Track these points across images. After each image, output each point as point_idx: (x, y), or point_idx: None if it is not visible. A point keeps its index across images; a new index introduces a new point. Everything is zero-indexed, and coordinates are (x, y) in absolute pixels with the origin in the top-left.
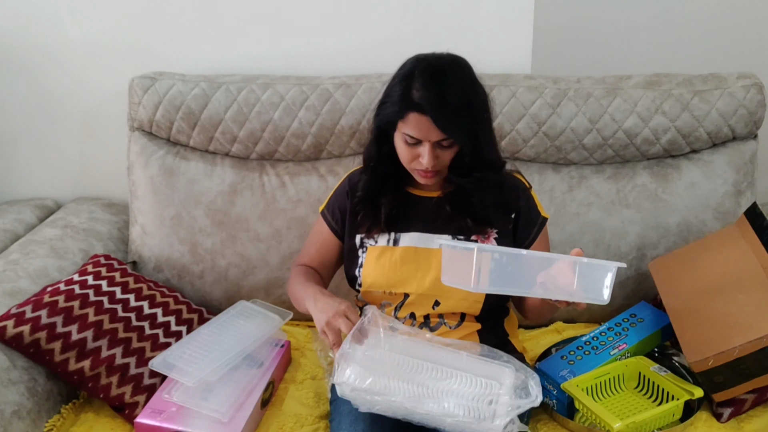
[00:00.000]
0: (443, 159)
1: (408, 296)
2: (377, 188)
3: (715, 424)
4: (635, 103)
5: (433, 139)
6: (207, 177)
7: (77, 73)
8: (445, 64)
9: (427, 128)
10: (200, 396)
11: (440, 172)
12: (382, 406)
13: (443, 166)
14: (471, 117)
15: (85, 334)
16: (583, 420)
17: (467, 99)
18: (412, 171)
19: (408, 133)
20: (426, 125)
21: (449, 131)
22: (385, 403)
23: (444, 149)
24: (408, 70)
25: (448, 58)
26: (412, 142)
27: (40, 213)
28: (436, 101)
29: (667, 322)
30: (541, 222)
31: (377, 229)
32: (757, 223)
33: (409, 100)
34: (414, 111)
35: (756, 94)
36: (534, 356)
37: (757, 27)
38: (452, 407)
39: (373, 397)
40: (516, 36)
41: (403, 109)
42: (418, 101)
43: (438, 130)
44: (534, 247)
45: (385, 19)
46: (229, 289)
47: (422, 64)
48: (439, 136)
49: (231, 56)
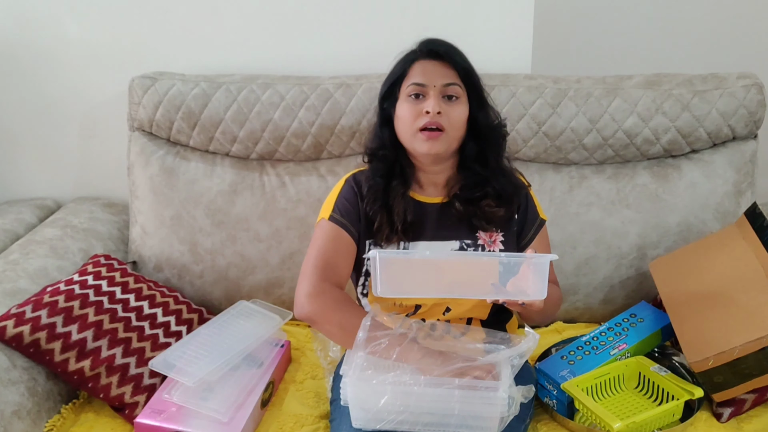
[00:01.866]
0: (450, 115)
1: (419, 307)
2: (387, 179)
3: (715, 424)
4: (635, 103)
5: (439, 83)
6: (207, 177)
7: (77, 73)
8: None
9: (433, 71)
10: (200, 396)
11: (445, 135)
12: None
13: (449, 124)
14: (474, 73)
15: (85, 334)
16: (583, 420)
17: (469, 63)
18: (415, 137)
19: (413, 82)
20: (432, 68)
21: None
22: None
23: (450, 103)
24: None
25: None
26: (417, 92)
27: (40, 213)
28: (442, 43)
29: (667, 322)
30: (539, 223)
31: (396, 237)
32: (757, 223)
33: (414, 52)
34: (419, 59)
35: (756, 94)
36: (534, 356)
37: (757, 27)
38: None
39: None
40: (516, 36)
41: (407, 63)
42: (423, 48)
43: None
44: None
45: (385, 19)
46: (229, 289)
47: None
48: (446, 78)
49: (231, 56)
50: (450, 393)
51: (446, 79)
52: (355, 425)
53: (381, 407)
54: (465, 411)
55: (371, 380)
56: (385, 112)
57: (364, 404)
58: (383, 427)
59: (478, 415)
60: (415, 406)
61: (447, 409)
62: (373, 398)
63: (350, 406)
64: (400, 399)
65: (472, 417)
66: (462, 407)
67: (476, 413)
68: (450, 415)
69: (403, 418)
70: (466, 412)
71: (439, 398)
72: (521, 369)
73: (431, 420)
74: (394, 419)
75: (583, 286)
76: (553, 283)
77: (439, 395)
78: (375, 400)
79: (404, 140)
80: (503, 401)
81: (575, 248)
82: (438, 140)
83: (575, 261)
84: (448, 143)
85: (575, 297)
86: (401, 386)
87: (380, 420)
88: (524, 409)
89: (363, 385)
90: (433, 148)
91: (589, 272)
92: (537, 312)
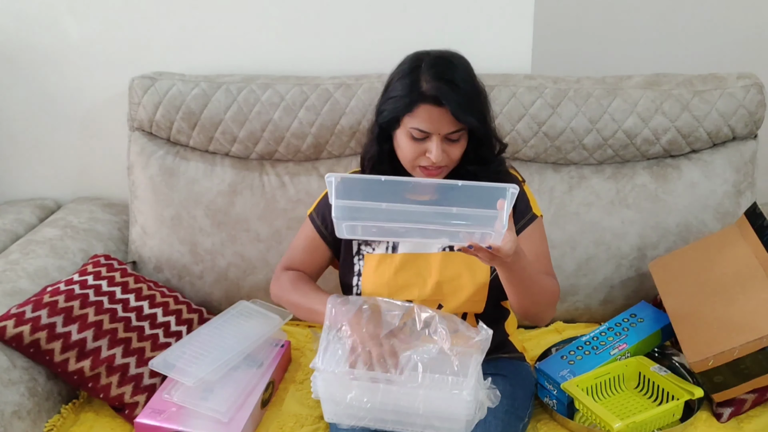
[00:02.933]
0: (450, 154)
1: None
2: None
3: (715, 424)
4: (635, 103)
5: (443, 132)
6: (207, 177)
7: (77, 73)
8: (450, 56)
9: (439, 120)
10: (200, 396)
11: (445, 169)
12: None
13: (450, 161)
14: (482, 104)
15: (85, 334)
16: (583, 420)
17: (476, 87)
18: (414, 169)
19: (417, 127)
20: (438, 117)
21: (466, 119)
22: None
23: (452, 144)
24: (412, 65)
25: (449, 51)
26: (419, 137)
27: (40, 213)
28: (450, 90)
29: (667, 322)
30: (530, 217)
31: None
32: (757, 223)
33: (419, 92)
34: (425, 103)
35: (756, 94)
36: (534, 356)
37: (757, 27)
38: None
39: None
40: (516, 36)
41: (412, 102)
42: (431, 93)
43: (450, 121)
44: (523, 238)
45: (385, 19)
46: (229, 289)
47: (427, 58)
48: (451, 127)
49: (231, 56)
50: (414, 392)
51: (451, 127)
52: (327, 419)
53: (348, 402)
54: (429, 411)
55: (339, 374)
56: (383, 129)
57: (334, 397)
58: (355, 423)
59: (443, 415)
60: (381, 403)
61: (412, 408)
62: (341, 393)
63: (321, 400)
64: (367, 395)
65: (436, 417)
66: (426, 406)
67: (440, 413)
68: (415, 414)
69: (371, 415)
70: (430, 412)
71: (403, 396)
72: (521, 369)
73: (398, 418)
74: (364, 416)
75: (583, 287)
76: (549, 275)
77: (404, 393)
78: (343, 394)
79: (404, 165)
80: (467, 403)
81: (575, 248)
82: (438, 175)
83: (575, 261)
84: (447, 173)
85: (575, 297)
86: (367, 382)
87: (351, 415)
88: (523, 408)
89: (332, 379)
90: (432, 178)
91: (589, 272)
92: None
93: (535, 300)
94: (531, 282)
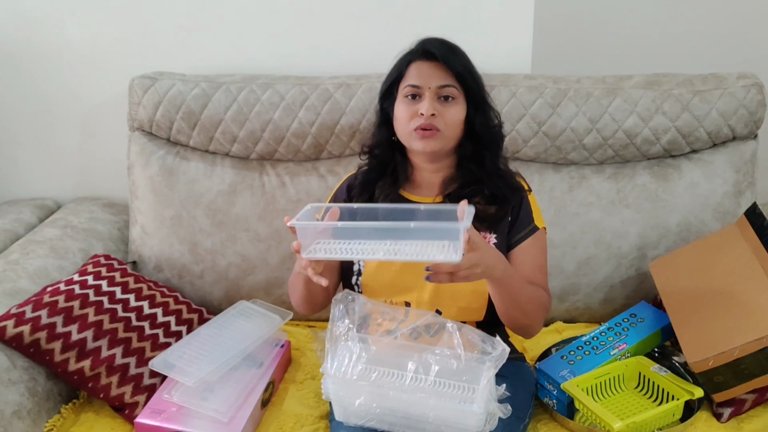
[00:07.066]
0: (445, 116)
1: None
2: (378, 174)
3: (715, 424)
4: (635, 103)
5: (434, 84)
6: (207, 177)
7: (77, 73)
8: (445, 40)
9: (429, 74)
10: (200, 396)
11: (441, 135)
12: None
13: (444, 125)
14: (474, 69)
15: (85, 334)
16: (583, 420)
17: (469, 63)
18: (411, 136)
19: (409, 83)
20: (427, 70)
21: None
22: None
23: (445, 104)
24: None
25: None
26: (412, 94)
27: (40, 213)
28: (440, 44)
29: (667, 322)
30: (531, 228)
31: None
32: (757, 223)
33: (411, 53)
34: (415, 60)
35: (756, 94)
36: (534, 356)
37: (757, 27)
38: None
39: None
40: (516, 36)
41: (404, 62)
42: (420, 48)
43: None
44: (520, 250)
45: (385, 19)
46: (229, 289)
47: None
48: (441, 80)
49: (231, 56)
50: (424, 401)
51: (441, 80)
52: (337, 418)
53: (357, 407)
54: (439, 419)
55: (350, 379)
56: (384, 111)
57: (342, 401)
58: (364, 424)
59: (453, 425)
60: (390, 409)
61: (422, 415)
62: (350, 397)
63: (332, 401)
64: (376, 401)
65: (446, 426)
66: (436, 414)
67: (450, 423)
68: (425, 422)
69: (380, 418)
70: (440, 420)
71: (413, 404)
72: (521, 369)
73: (407, 423)
74: (372, 418)
75: (583, 286)
76: (542, 288)
77: (414, 401)
78: (351, 399)
79: (402, 139)
80: (477, 416)
81: (575, 248)
82: (433, 138)
83: (575, 261)
84: (443, 142)
85: (575, 297)
86: (378, 389)
87: (359, 417)
88: (523, 409)
89: (342, 383)
90: (428, 146)
91: (589, 272)
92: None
93: (525, 311)
94: (519, 293)
